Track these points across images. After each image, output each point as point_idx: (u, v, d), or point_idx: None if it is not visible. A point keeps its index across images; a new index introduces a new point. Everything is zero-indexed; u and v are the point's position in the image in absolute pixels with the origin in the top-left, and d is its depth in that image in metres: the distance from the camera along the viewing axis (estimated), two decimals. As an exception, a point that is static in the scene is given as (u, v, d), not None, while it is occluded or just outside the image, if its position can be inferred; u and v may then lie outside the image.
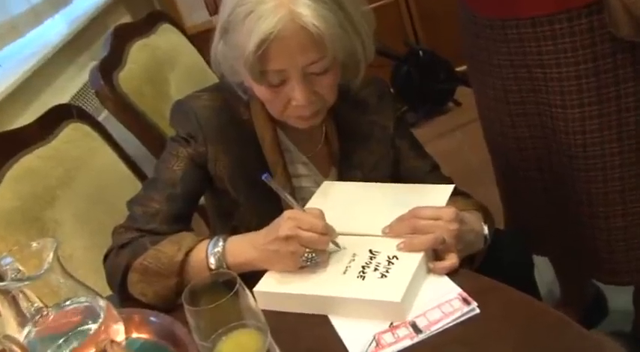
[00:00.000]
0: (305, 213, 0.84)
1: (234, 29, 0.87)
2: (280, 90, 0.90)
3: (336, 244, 0.86)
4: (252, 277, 0.84)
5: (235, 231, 1.01)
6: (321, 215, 0.84)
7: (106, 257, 0.93)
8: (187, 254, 0.87)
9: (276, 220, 0.85)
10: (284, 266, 0.84)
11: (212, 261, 0.86)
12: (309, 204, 0.95)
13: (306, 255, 0.83)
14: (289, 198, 0.86)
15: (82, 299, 0.70)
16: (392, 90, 2.66)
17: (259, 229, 0.88)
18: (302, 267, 0.84)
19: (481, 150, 1.41)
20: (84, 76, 1.96)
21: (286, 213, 0.84)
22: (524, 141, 1.21)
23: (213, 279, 0.73)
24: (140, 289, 0.88)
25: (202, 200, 1.07)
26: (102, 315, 0.69)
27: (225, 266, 0.86)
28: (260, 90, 0.93)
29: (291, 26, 0.83)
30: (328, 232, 0.83)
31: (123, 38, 1.46)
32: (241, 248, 0.87)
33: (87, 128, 1.26)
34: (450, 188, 0.94)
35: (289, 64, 0.87)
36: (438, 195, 0.93)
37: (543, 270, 1.61)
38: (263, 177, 0.86)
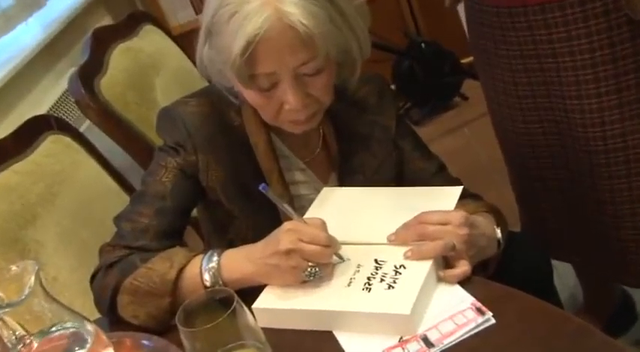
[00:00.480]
0: (306, 225, 0.84)
1: (218, 31, 0.88)
2: (272, 94, 0.91)
3: (340, 256, 0.87)
4: (250, 293, 0.84)
5: (231, 244, 1.02)
6: (323, 225, 0.85)
7: (93, 277, 0.94)
8: (180, 271, 0.87)
9: (275, 232, 0.85)
10: (284, 282, 0.85)
11: (207, 277, 0.87)
12: (308, 213, 0.95)
13: (308, 269, 0.84)
14: (288, 208, 0.87)
15: (68, 324, 0.71)
16: (393, 86, 2.69)
17: (256, 242, 0.89)
18: (304, 282, 0.85)
19: (491, 147, 1.42)
20: (62, 84, 1.97)
21: (286, 225, 0.84)
22: (536, 137, 1.22)
23: (208, 297, 0.73)
24: (131, 311, 0.88)
25: (195, 212, 1.08)
26: (90, 341, 0.70)
27: (221, 282, 0.87)
28: (250, 95, 0.93)
29: (278, 26, 0.84)
30: (331, 244, 0.84)
31: (103, 42, 1.47)
32: (237, 262, 0.87)
33: (68, 140, 1.26)
34: (459, 190, 0.95)
35: (279, 66, 0.87)
36: (445, 197, 0.93)
37: (564, 274, 1.62)
38: (260, 188, 0.86)
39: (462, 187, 0.96)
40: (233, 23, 0.85)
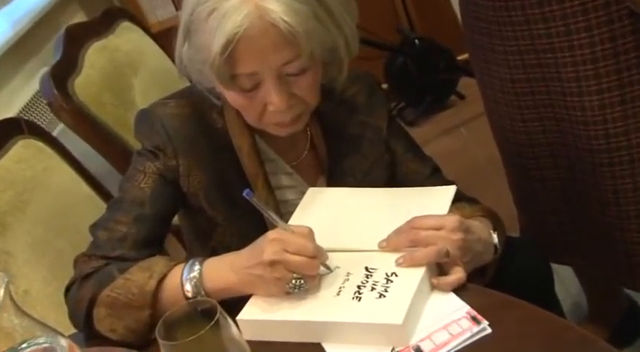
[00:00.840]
0: (291, 234, 0.84)
1: (197, 30, 0.88)
2: (254, 95, 0.91)
3: (327, 267, 0.87)
4: (234, 304, 0.85)
5: (214, 252, 1.02)
6: (310, 235, 0.85)
7: (67, 290, 0.94)
8: (160, 281, 0.88)
9: (259, 241, 0.86)
10: (269, 293, 0.85)
11: (188, 287, 0.87)
12: (294, 217, 0.96)
13: (293, 281, 0.84)
14: (273, 216, 0.87)
15: (41, 340, 0.70)
16: (385, 85, 2.70)
17: (241, 250, 0.89)
18: (289, 294, 0.85)
19: (489, 148, 1.43)
20: (34, 85, 1.97)
21: (270, 234, 0.85)
22: (536, 136, 1.23)
23: (190, 309, 0.73)
24: (109, 325, 0.88)
25: (177, 219, 1.08)
26: (64, 357, 0.70)
27: (203, 292, 0.87)
28: (232, 97, 0.94)
29: (259, 24, 0.84)
30: (318, 255, 0.84)
31: (77, 40, 1.47)
32: (220, 272, 0.88)
33: (40, 144, 1.26)
34: (452, 189, 0.96)
35: (261, 66, 0.88)
36: (438, 199, 0.94)
37: (568, 281, 1.63)
38: (244, 194, 0.86)
39: (455, 187, 0.97)
40: (212, 21, 0.85)
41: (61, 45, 1.43)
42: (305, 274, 0.84)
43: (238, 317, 0.84)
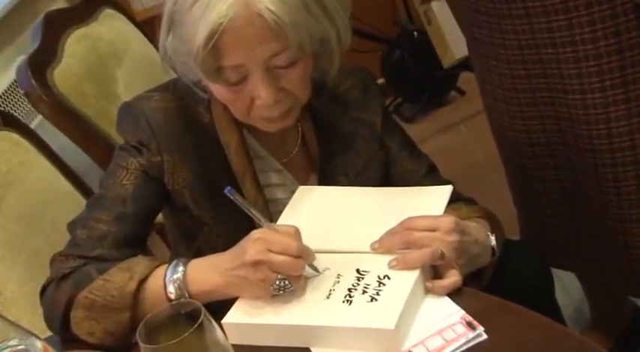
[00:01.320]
0: (276, 233, 0.85)
1: (180, 20, 0.89)
2: (241, 88, 0.92)
3: (315, 268, 0.87)
4: (220, 307, 0.85)
5: (200, 252, 1.03)
6: (295, 234, 0.86)
7: (43, 290, 0.94)
8: (141, 282, 0.88)
9: (243, 241, 0.86)
10: (253, 295, 0.86)
11: (171, 289, 0.88)
12: (282, 216, 0.97)
13: (277, 282, 0.85)
14: (256, 214, 0.88)
15: (14, 342, 0.71)
16: (382, 79, 2.70)
17: (226, 250, 0.90)
18: (275, 296, 0.86)
19: (490, 146, 1.44)
20: (10, 75, 1.96)
21: (254, 234, 0.85)
22: (536, 135, 1.24)
23: (173, 311, 0.74)
24: (87, 328, 0.88)
25: (161, 218, 1.09)
26: (38, 360, 0.71)
27: (186, 295, 0.88)
28: (218, 90, 0.94)
29: (244, 14, 0.85)
30: (304, 255, 0.85)
31: (56, 27, 1.47)
32: (205, 273, 0.88)
33: (16, 137, 1.26)
34: (449, 189, 0.96)
35: (247, 58, 0.88)
36: (434, 199, 0.95)
37: (570, 287, 1.64)
38: (226, 191, 0.87)
39: (451, 187, 0.98)
40: (196, 11, 0.86)
41: (39, 32, 1.42)
42: (290, 275, 0.85)
43: (224, 321, 0.84)
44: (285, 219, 0.96)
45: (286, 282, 0.85)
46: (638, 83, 1.11)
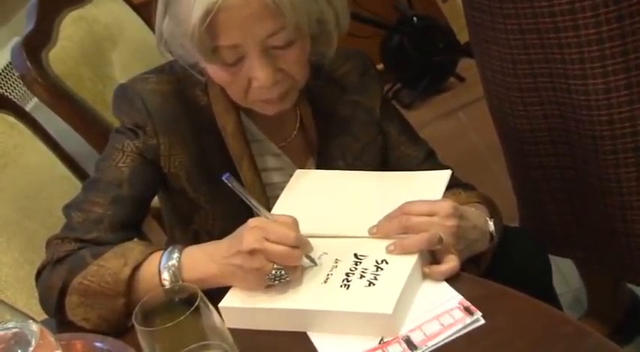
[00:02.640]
0: (273, 222, 0.85)
1: (176, 1, 0.89)
2: (238, 69, 0.91)
3: (311, 259, 0.87)
4: (217, 291, 0.86)
5: (196, 236, 1.03)
6: (293, 224, 0.85)
7: (38, 274, 0.94)
8: (136, 269, 0.88)
9: (240, 229, 0.86)
10: (248, 285, 0.86)
11: (166, 276, 0.87)
12: (280, 200, 0.97)
13: (273, 272, 0.84)
14: (254, 203, 0.87)
15: (10, 324, 0.71)
16: (381, 65, 2.68)
17: (223, 235, 0.90)
18: (269, 287, 0.85)
19: (489, 133, 1.44)
20: (4, 56, 1.96)
21: (251, 222, 0.85)
22: (537, 120, 1.23)
23: (169, 294, 0.74)
24: (82, 313, 0.89)
25: (157, 201, 1.08)
26: (34, 343, 0.70)
27: (181, 282, 0.87)
28: (214, 71, 0.94)
29: None
30: (301, 245, 0.84)
31: (51, 9, 1.45)
32: (200, 261, 0.88)
33: (11, 119, 1.25)
34: (447, 174, 0.96)
35: (244, 38, 0.88)
36: (432, 184, 0.95)
37: (569, 274, 1.65)
38: (223, 178, 0.87)
39: (449, 171, 0.98)
40: None
41: (33, 14, 1.41)
42: (286, 265, 0.84)
43: (221, 305, 0.85)
44: (282, 202, 0.96)
45: (282, 272, 0.85)
46: None
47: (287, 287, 0.86)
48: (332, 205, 0.96)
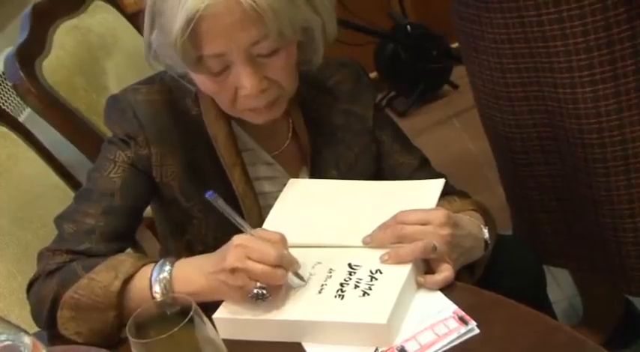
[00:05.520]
0: (257, 240, 0.83)
1: (160, 11, 0.89)
2: (224, 79, 0.91)
3: (301, 277, 0.86)
4: (211, 301, 0.85)
5: (190, 246, 1.03)
6: (279, 241, 0.84)
7: (30, 286, 0.94)
8: (126, 281, 0.88)
9: (225, 246, 0.86)
10: (232, 301, 0.85)
11: (157, 289, 0.87)
12: (274, 210, 0.96)
13: (255, 291, 0.83)
14: (240, 220, 0.87)
15: (2, 336, 0.71)
16: (376, 73, 2.69)
17: (218, 244, 0.89)
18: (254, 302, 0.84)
19: (484, 140, 1.44)
20: (-2, 66, 1.95)
21: (235, 239, 0.84)
22: (527, 129, 1.24)
23: (163, 306, 0.74)
24: (74, 327, 0.88)
25: (150, 210, 1.08)
26: (26, 356, 0.70)
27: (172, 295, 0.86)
28: (201, 81, 0.94)
29: (223, 0, 0.84)
30: (285, 264, 0.83)
31: (45, 18, 1.46)
32: (191, 275, 0.87)
33: (4, 130, 1.25)
34: (441, 183, 0.96)
35: (228, 46, 0.88)
36: (426, 192, 0.95)
37: (564, 282, 1.65)
38: (207, 196, 0.86)
39: (443, 180, 0.97)
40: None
41: (27, 23, 1.41)
42: (268, 283, 0.83)
43: (214, 316, 0.84)
44: (275, 212, 0.96)
45: (263, 291, 0.83)
46: (628, 77, 1.12)
47: (282, 297, 0.85)
48: (325, 215, 0.95)
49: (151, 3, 0.90)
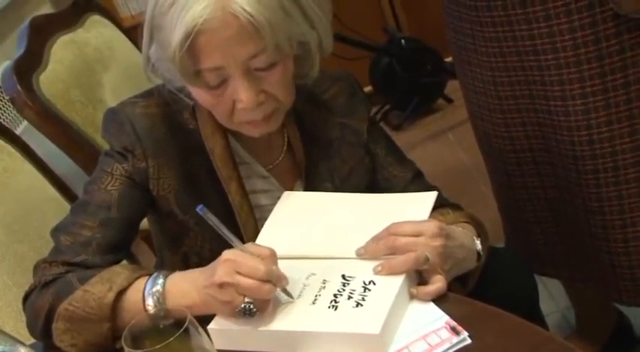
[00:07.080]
0: (246, 255, 0.84)
1: (159, 25, 0.90)
2: (222, 92, 0.92)
3: (289, 294, 0.86)
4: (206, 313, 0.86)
5: (186, 258, 1.03)
6: (269, 256, 0.84)
7: (26, 297, 0.94)
8: (120, 293, 0.88)
9: (215, 261, 0.86)
10: (222, 315, 0.86)
11: (150, 301, 0.87)
12: (268, 222, 0.97)
13: (243, 305, 0.83)
14: (229, 235, 0.87)
15: (-1, 348, 0.71)
16: (371, 86, 2.70)
17: (213, 256, 0.90)
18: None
19: (477, 154, 1.45)
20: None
21: (225, 254, 0.85)
22: (519, 141, 1.25)
23: (158, 316, 0.75)
24: (69, 340, 0.89)
25: (146, 223, 1.09)
26: (22, 367, 0.71)
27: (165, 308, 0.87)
28: (199, 94, 0.95)
29: (220, 15, 0.85)
30: (273, 279, 0.83)
31: (43, 33, 1.47)
32: (183, 289, 0.88)
33: (1, 142, 1.26)
34: (434, 195, 0.97)
35: (226, 60, 0.89)
36: (419, 205, 0.96)
37: (557, 294, 1.65)
38: (197, 210, 0.86)
39: (436, 193, 0.99)
40: (172, 14, 0.86)
41: (25, 37, 1.42)
42: (256, 298, 0.84)
43: (209, 326, 0.85)
44: (270, 225, 0.97)
45: (251, 306, 0.83)
46: (617, 90, 1.13)
47: (276, 308, 0.86)
48: (320, 227, 0.96)
49: (150, 17, 0.91)
